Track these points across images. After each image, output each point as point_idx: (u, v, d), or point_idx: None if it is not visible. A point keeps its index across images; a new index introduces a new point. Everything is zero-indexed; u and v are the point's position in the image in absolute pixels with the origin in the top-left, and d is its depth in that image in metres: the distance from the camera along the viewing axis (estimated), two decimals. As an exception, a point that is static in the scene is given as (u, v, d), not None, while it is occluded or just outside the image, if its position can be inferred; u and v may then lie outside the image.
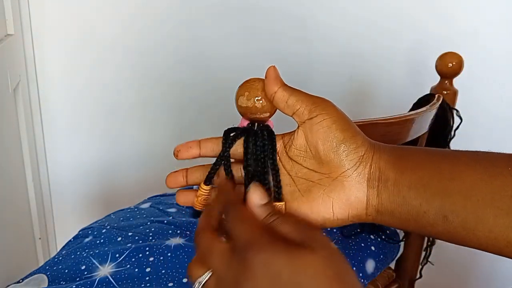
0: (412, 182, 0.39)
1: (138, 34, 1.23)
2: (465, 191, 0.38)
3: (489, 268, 1.27)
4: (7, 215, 1.02)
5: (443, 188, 0.39)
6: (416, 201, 0.39)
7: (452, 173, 0.39)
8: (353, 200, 0.41)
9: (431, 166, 0.40)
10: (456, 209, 0.38)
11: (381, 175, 0.40)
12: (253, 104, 0.41)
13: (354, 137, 0.40)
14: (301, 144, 0.42)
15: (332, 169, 0.41)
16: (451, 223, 0.39)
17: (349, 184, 0.40)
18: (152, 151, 1.34)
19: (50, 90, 1.23)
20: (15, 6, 1.08)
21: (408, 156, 0.41)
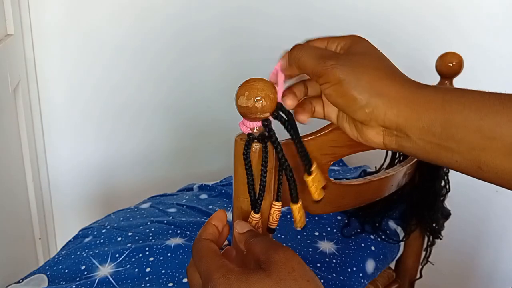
0: (442, 139, 0.39)
1: (138, 35, 1.23)
2: (504, 149, 0.37)
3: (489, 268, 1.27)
4: (7, 215, 1.02)
5: (481, 145, 0.37)
6: (447, 154, 0.39)
7: (493, 132, 0.37)
8: (370, 141, 0.44)
9: (467, 123, 0.38)
10: (493, 163, 0.38)
11: (400, 130, 0.41)
12: (253, 104, 0.41)
13: (354, 100, 0.41)
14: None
15: (351, 117, 0.44)
16: (485, 173, 0.39)
17: (366, 130, 0.44)
18: (152, 151, 1.34)
19: (50, 90, 1.23)
20: (15, 6, 1.08)
21: (438, 110, 0.39)
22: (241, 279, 0.36)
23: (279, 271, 0.36)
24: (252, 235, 0.42)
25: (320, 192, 0.49)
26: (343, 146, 0.54)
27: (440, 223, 0.83)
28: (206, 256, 0.40)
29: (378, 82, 0.41)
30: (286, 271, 0.36)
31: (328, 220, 0.83)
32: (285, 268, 0.36)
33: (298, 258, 0.38)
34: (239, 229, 0.44)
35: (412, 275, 0.90)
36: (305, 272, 0.37)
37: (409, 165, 0.69)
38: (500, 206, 1.21)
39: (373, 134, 0.44)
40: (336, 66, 0.41)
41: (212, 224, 0.45)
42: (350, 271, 0.74)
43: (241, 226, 0.44)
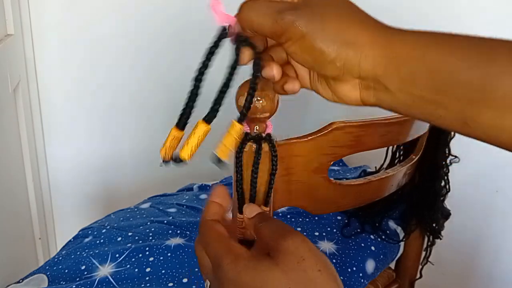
0: (425, 90, 0.35)
1: (139, 34, 1.23)
2: (494, 103, 0.33)
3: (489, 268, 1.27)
4: (7, 215, 1.02)
5: (468, 98, 0.33)
6: (430, 107, 0.35)
7: (483, 83, 0.33)
8: (346, 98, 0.40)
9: (454, 74, 0.34)
10: (481, 118, 0.33)
11: (378, 79, 0.37)
12: (253, 104, 0.41)
13: (322, 54, 0.36)
14: None
15: (321, 73, 0.40)
16: (470, 129, 0.35)
17: (340, 84, 0.39)
18: (152, 151, 1.34)
19: (50, 90, 1.23)
20: (15, 6, 1.08)
21: (420, 58, 0.35)
22: (249, 266, 0.35)
23: (288, 260, 0.34)
24: (261, 219, 0.40)
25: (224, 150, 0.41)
26: (343, 146, 0.54)
27: (440, 223, 0.83)
28: (213, 240, 0.38)
29: (347, 30, 0.36)
30: (295, 261, 0.34)
31: (328, 220, 0.83)
32: (294, 258, 0.34)
33: (309, 245, 0.35)
34: (248, 214, 0.41)
35: (412, 275, 0.90)
36: (316, 261, 0.34)
37: (409, 165, 0.69)
38: (500, 206, 1.21)
39: (349, 89, 0.39)
40: (296, 19, 0.37)
41: (215, 203, 0.42)
42: (350, 271, 0.74)
43: (250, 210, 0.42)
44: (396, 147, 0.78)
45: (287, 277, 0.33)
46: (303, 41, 0.37)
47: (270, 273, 0.34)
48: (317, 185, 0.54)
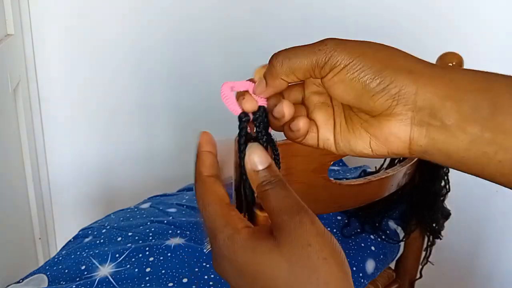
0: (487, 125, 0.31)
1: (138, 35, 1.22)
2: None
3: (489, 268, 1.27)
4: (7, 215, 1.02)
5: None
6: (490, 148, 0.31)
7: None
8: (392, 140, 0.35)
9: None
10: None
11: (435, 112, 0.32)
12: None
13: (374, 80, 0.33)
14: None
15: (367, 110, 0.35)
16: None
17: (388, 123, 0.34)
18: (152, 151, 1.34)
19: (50, 90, 1.23)
20: (15, 6, 1.08)
21: (483, 90, 0.31)
22: (247, 246, 0.31)
23: (291, 244, 0.30)
24: (271, 179, 0.33)
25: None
26: (343, 146, 0.54)
27: (440, 223, 0.83)
28: (212, 203, 0.34)
29: (401, 58, 0.33)
30: (300, 245, 0.30)
31: (328, 220, 0.83)
32: (298, 242, 0.30)
33: (318, 228, 0.31)
34: (257, 163, 0.34)
35: (412, 275, 0.90)
36: (322, 248, 0.30)
37: (409, 165, 0.69)
38: (500, 206, 1.21)
39: (398, 127, 0.34)
40: (340, 43, 0.33)
41: (207, 152, 0.36)
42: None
43: (259, 157, 0.34)
44: (396, 147, 0.78)
45: (288, 263, 0.30)
46: (351, 67, 0.33)
47: (269, 257, 0.30)
48: (317, 185, 0.54)
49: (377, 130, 0.35)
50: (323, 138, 0.38)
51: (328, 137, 0.38)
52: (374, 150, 0.36)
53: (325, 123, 0.38)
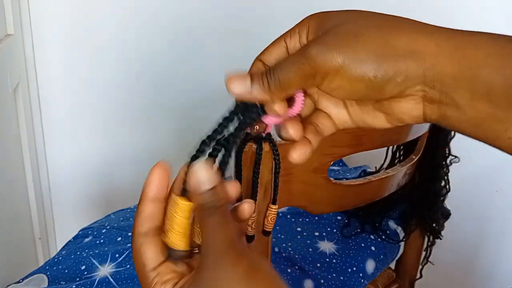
0: (500, 105, 0.29)
1: (138, 35, 1.22)
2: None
3: (489, 268, 1.27)
4: (7, 215, 1.02)
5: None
6: (501, 126, 0.30)
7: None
8: (406, 118, 0.33)
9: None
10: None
11: (446, 91, 0.30)
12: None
13: (376, 77, 0.30)
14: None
15: (376, 99, 0.33)
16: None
17: (399, 103, 0.33)
18: (152, 151, 1.34)
19: (50, 90, 1.23)
20: (15, 6, 1.08)
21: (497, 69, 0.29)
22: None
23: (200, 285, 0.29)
24: (213, 203, 0.30)
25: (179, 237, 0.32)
26: (343, 146, 0.54)
27: (440, 223, 0.83)
28: (138, 271, 0.32)
29: (397, 39, 0.30)
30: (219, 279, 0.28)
31: (328, 220, 0.83)
32: (209, 284, 0.29)
33: (240, 273, 0.29)
34: (201, 182, 0.30)
35: (412, 275, 0.90)
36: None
37: (409, 165, 0.69)
38: (500, 206, 1.21)
39: (410, 107, 0.32)
40: (323, 49, 0.30)
41: (146, 201, 0.33)
42: (350, 271, 0.74)
43: (205, 176, 0.31)
44: (396, 147, 0.78)
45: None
46: (345, 70, 0.30)
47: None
48: (317, 185, 0.54)
49: (390, 110, 0.34)
50: (340, 122, 0.36)
51: (345, 119, 0.36)
52: (392, 124, 0.35)
53: (336, 108, 0.36)
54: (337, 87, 0.32)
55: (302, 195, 0.54)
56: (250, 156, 0.43)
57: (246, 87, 0.33)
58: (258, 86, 0.32)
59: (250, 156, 0.43)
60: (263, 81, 0.32)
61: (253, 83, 0.33)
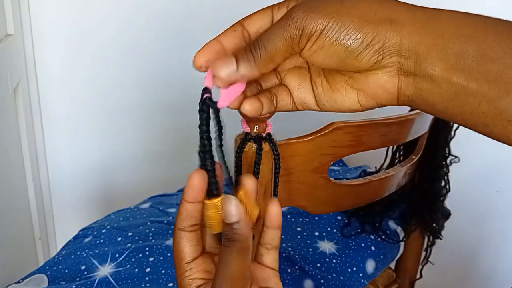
0: (472, 75, 0.30)
1: (138, 35, 1.23)
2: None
3: (489, 268, 1.27)
4: (7, 215, 1.02)
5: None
6: (475, 99, 0.30)
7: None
8: (381, 93, 0.34)
9: (506, 58, 0.29)
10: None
11: (421, 61, 0.31)
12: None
13: (356, 40, 0.31)
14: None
15: (352, 69, 0.33)
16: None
17: (374, 76, 0.33)
18: (152, 151, 1.34)
19: (50, 90, 1.23)
20: (15, 6, 1.08)
21: (470, 37, 0.30)
22: None
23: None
24: (233, 236, 0.34)
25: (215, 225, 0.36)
26: (343, 146, 0.54)
27: (440, 223, 0.83)
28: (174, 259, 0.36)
29: (379, 6, 0.31)
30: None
31: (328, 220, 0.83)
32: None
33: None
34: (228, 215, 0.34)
35: (412, 275, 0.90)
36: None
37: (409, 165, 0.69)
38: (500, 206, 1.21)
39: (385, 80, 0.33)
40: (308, 10, 0.31)
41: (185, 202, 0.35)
42: (350, 271, 0.74)
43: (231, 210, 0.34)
44: (396, 147, 0.78)
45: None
46: (328, 31, 0.31)
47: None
48: (317, 185, 0.54)
49: (364, 85, 0.34)
50: (299, 101, 0.37)
51: (305, 100, 0.37)
52: (363, 105, 0.35)
53: (298, 86, 0.37)
54: (318, 49, 0.32)
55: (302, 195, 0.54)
56: (250, 156, 0.43)
57: (232, 68, 0.33)
58: (243, 63, 0.33)
59: (250, 156, 0.43)
60: (248, 56, 0.32)
61: (239, 61, 0.33)
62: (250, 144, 0.43)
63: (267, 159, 0.44)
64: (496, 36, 0.30)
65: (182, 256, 0.35)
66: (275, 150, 0.43)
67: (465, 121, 0.32)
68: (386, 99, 0.34)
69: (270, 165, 0.45)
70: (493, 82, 0.29)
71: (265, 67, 0.33)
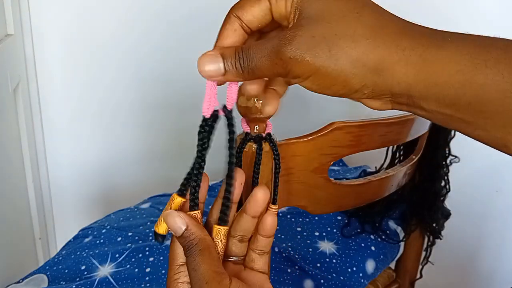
0: (467, 113, 0.30)
1: (138, 35, 1.22)
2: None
3: (489, 268, 1.27)
4: (7, 215, 1.02)
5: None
6: (470, 128, 0.31)
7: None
8: (375, 108, 0.35)
9: (506, 96, 0.29)
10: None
11: (412, 101, 0.32)
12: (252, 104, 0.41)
13: (345, 85, 0.32)
14: None
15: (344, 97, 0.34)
16: (510, 151, 0.31)
17: (368, 101, 0.34)
18: (152, 151, 1.34)
19: (50, 90, 1.23)
20: (15, 6, 1.08)
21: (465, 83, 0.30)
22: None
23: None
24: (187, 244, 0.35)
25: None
26: (343, 146, 0.54)
27: (440, 223, 0.83)
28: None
29: (369, 52, 0.31)
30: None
31: (328, 220, 0.83)
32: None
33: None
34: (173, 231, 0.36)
35: (412, 275, 0.90)
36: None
37: (409, 165, 0.69)
38: (500, 206, 1.21)
39: (379, 105, 0.34)
40: (297, 55, 0.31)
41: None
42: (350, 271, 0.74)
43: (171, 225, 0.36)
44: (396, 147, 0.78)
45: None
46: (315, 76, 0.31)
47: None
48: (317, 185, 0.54)
49: (362, 102, 0.35)
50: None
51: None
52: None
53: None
54: (306, 86, 0.33)
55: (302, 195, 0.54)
56: (250, 156, 0.43)
57: (219, 68, 0.34)
58: (230, 68, 0.34)
59: (250, 156, 0.43)
60: (236, 65, 0.33)
61: (225, 65, 0.34)
62: (250, 144, 0.43)
63: (267, 159, 0.44)
64: (497, 76, 0.29)
65: (174, 257, 0.36)
66: (275, 150, 0.43)
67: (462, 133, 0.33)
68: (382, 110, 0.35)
69: (270, 165, 0.45)
70: (489, 118, 0.30)
71: (250, 78, 0.34)
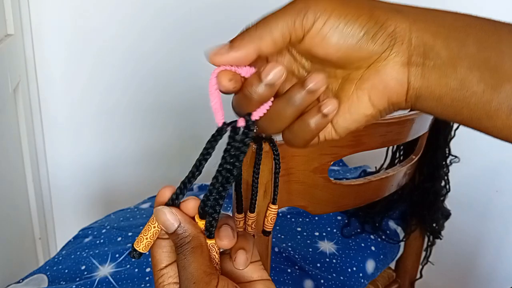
0: (475, 62, 0.31)
1: (138, 35, 1.23)
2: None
3: (489, 268, 1.27)
4: (7, 215, 1.02)
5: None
6: (479, 87, 0.31)
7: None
8: (392, 85, 0.33)
9: (502, 45, 0.31)
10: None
11: (428, 51, 0.32)
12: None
13: (370, 18, 0.31)
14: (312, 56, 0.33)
15: (361, 62, 0.33)
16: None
17: (385, 67, 0.32)
18: (152, 151, 1.34)
19: (50, 90, 1.23)
20: (15, 6, 1.08)
21: (466, 28, 0.32)
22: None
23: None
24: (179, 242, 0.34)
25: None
26: (343, 146, 0.54)
27: (440, 223, 0.83)
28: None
29: (377, 2, 0.32)
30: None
31: (328, 220, 0.83)
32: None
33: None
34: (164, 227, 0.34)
35: (412, 275, 0.90)
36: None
37: (409, 165, 0.69)
38: (500, 206, 1.21)
39: (397, 70, 0.32)
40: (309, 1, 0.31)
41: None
42: (350, 271, 0.74)
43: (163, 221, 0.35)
44: (396, 147, 0.78)
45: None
46: (338, 16, 0.30)
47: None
48: (317, 185, 0.54)
49: (376, 78, 0.33)
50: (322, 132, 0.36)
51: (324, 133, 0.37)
52: (375, 105, 0.34)
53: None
54: (332, 28, 0.31)
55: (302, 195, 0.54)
56: (250, 156, 0.43)
57: (224, 49, 0.33)
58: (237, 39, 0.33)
59: (250, 156, 0.43)
60: (242, 33, 0.32)
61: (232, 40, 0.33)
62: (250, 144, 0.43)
63: (267, 159, 0.44)
64: (491, 26, 0.32)
65: (155, 262, 0.36)
66: (275, 150, 0.43)
67: (470, 114, 0.32)
68: (397, 93, 0.33)
69: (270, 165, 0.45)
70: (494, 69, 0.31)
71: (260, 41, 0.32)
